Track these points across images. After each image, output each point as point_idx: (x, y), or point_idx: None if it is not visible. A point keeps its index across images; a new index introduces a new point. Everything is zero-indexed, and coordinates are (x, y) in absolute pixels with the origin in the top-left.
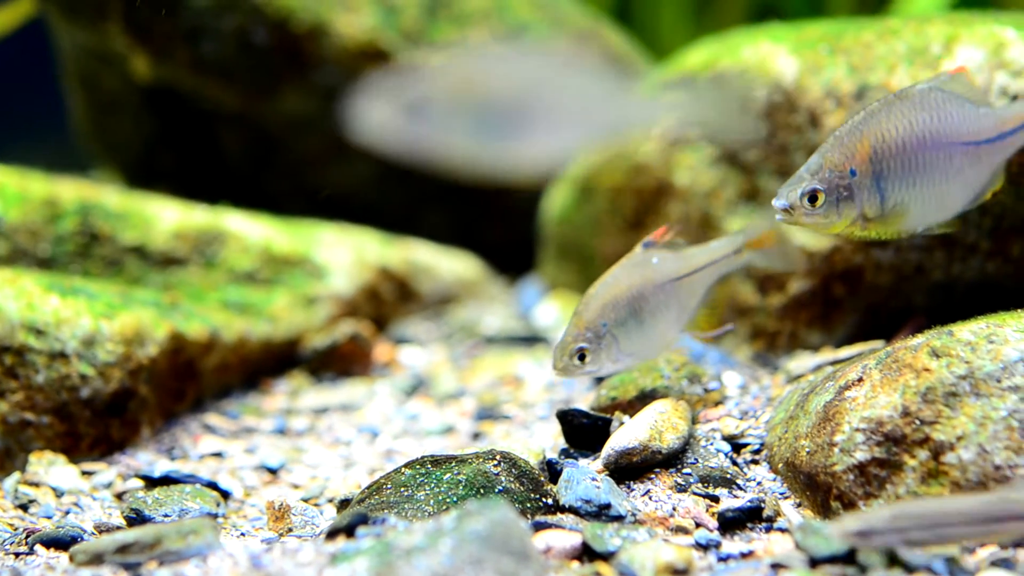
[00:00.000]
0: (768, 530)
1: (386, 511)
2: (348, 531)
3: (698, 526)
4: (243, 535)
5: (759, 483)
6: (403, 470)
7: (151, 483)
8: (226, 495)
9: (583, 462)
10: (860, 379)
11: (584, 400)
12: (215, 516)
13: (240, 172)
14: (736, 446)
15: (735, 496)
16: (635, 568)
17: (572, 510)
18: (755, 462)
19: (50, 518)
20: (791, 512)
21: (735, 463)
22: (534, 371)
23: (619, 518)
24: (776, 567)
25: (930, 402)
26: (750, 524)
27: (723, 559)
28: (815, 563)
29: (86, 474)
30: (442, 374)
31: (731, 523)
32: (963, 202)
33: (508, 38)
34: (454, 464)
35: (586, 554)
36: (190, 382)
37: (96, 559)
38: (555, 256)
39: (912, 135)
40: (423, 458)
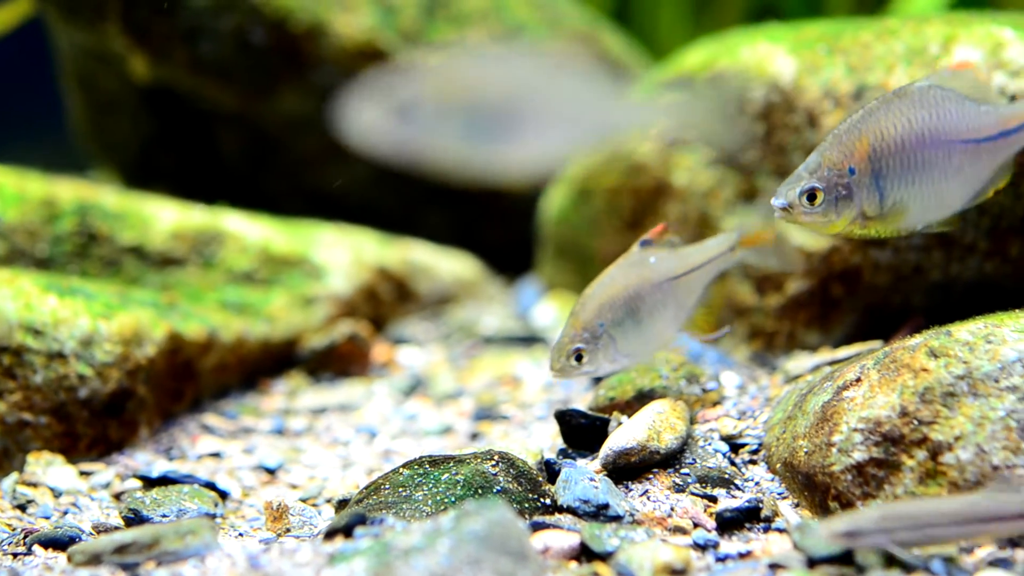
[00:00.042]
0: (766, 530)
1: (384, 511)
2: (346, 531)
3: (696, 526)
4: (241, 535)
5: (757, 483)
6: (401, 470)
7: (149, 483)
8: (224, 495)
9: (581, 462)
10: (858, 379)
11: (582, 400)
12: (213, 516)
13: (238, 172)
14: (734, 446)
15: (733, 496)
16: (633, 568)
17: (570, 510)
18: (753, 462)
19: (48, 518)
20: (789, 512)
21: (733, 463)
22: (532, 371)
23: (617, 518)
24: (774, 567)
25: (928, 402)
26: (748, 524)
27: (721, 559)
28: (813, 563)
29: (84, 474)
30: (440, 374)
31: (729, 523)
32: (963, 200)
33: (504, 39)
34: (452, 464)
35: (584, 554)
36: (188, 382)
37: (94, 559)
38: (553, 256)
39: (911, 133)
40: (421, 458)
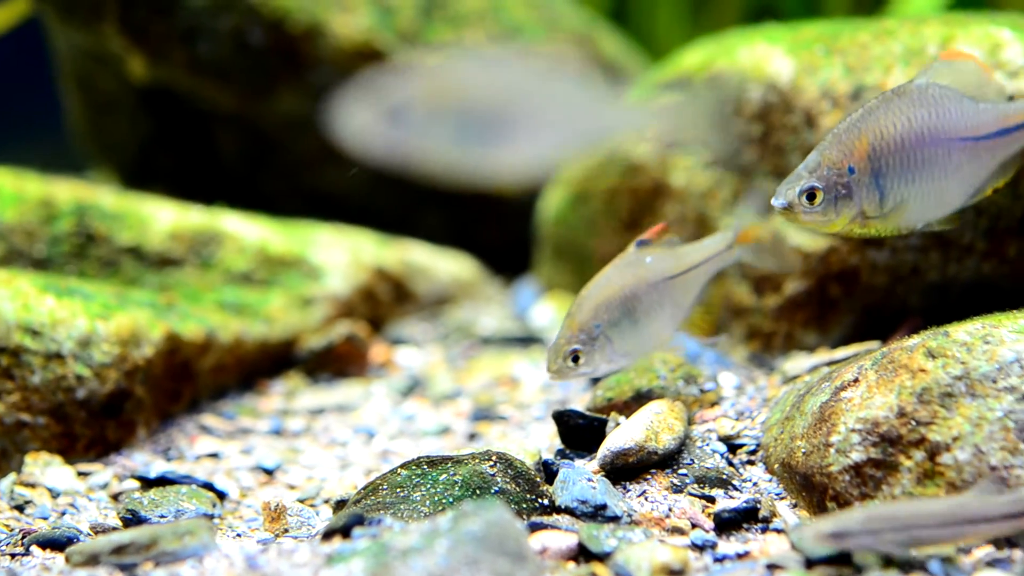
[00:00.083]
0: (764, 531)
1: (382, 512)
2: (344, 532)
3: (694, 527)
4: (239, 536)
5: (755, 484)
6: (399, 471)
7: (147, 484)
8: (222, 496)
9: (579, 463)
10: (856, 380)
11: (580, 401)
12: (211, 517)
13: (236, 173)
14: (732, 447)
15: (731, 497)
16: (631, 569)
17: (568, 511)
18: (751, 463)
19: (46, 519)
20: (787, 513)
21: (731, 464)
22: (530, 372)
23: (615, 519)
24: (772, 568)
25: (926, 403)
26: (746, 525)
27: (719, 560)
28: (811, 564)
29: (82, 475)
30: (438, 375)
31: (727, 524)
32: (963, 198)
33: (501, 40)
34: (450, 465)
35: (582, 555)
36: (186, 383)
37: (92, 560)
38: (551, 257)
39: (911, 132)
40: (419, 459)
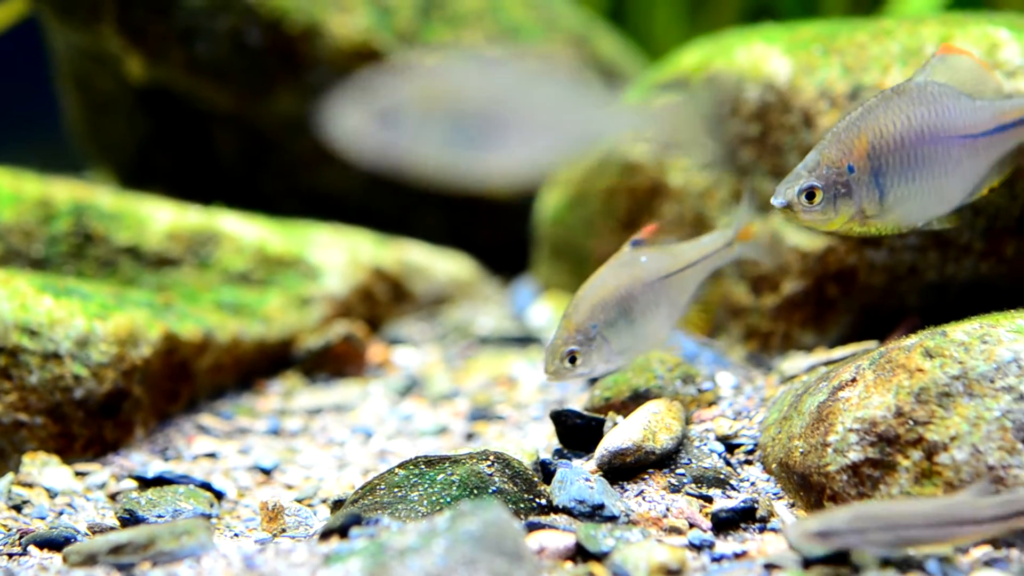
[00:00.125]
0: (762, 530)
1: (380, 512)
2: (342, 532)
3: (692, 526)
4: (237, 536)
5: (753, 483)
6: (397, 471)
7: (145, 484)
8: (220, 496)
9: (577, 463)
10: (854, 379)
11: (578, 400)
12: (209, 517)
13: (234, 173)
14: (730, 446)
15: (729, 496)
16: (628, 568)
17: (566, 511)
18: (749, 462)
19: (44, 519)
20: (785, 512)
21: (729, 463)
22: (528, 372)
23: (613, 518)
24: (769, 567)
25: (924, 402)
26: (744, 524)
27: (716, 559)
28: (808, 564)
29: (80, 475)
30: (436, 375)
31: (725, 523)
32: (962, 195)
33: (499, 40)
34: (448, 464)
35: (580, 555)
36: (184, 383)
37: (89, 560)
38: (549, 257)
39: (910, 130)
40: (417, 458)
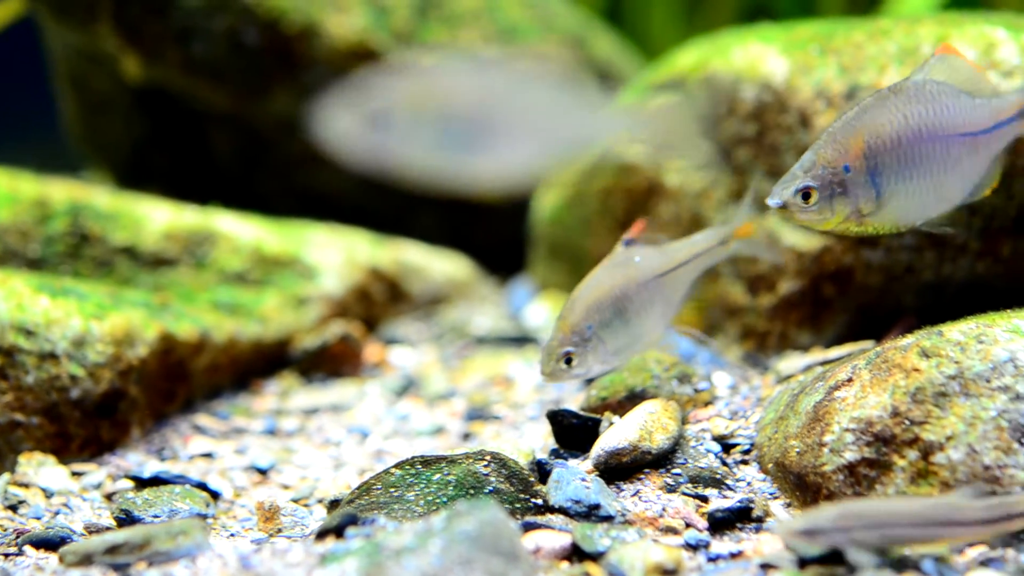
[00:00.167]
0: (757, 530)
1: (376, 512)
2: (338, 532)
3: (688, 526)
4: (233, 536)
5: (749, 483)
6: (393, 471)
7: (141, 484)
8: (216, 496)
9: (573, 462)
10: (850, 379)
11: (574, 400)
12: (205, 517)
13: (231, 173)
14: (726, 446)
15: (725, 496)
16: (624, 568)
17: (562, 510)
18: (745, 462)
19: (40, 519)
20: (781, 512)
21: (725, 463)
22: (524, 371)
23: (609, 518)
24: (765, 567)
25: (920, 402)
26: (740, 524)
27: (712, 559)
28: (804, 563)
29: (76, 475)
30: (432, 375)
31: (721, 523)
32: (962, 194)
33: (496, 40)
34: (444, 464)
35: (575, 554)
36: (180, 383)
37: (85, 560)
38: (546, 256)
39: (907, 129)
40: (413, 458)
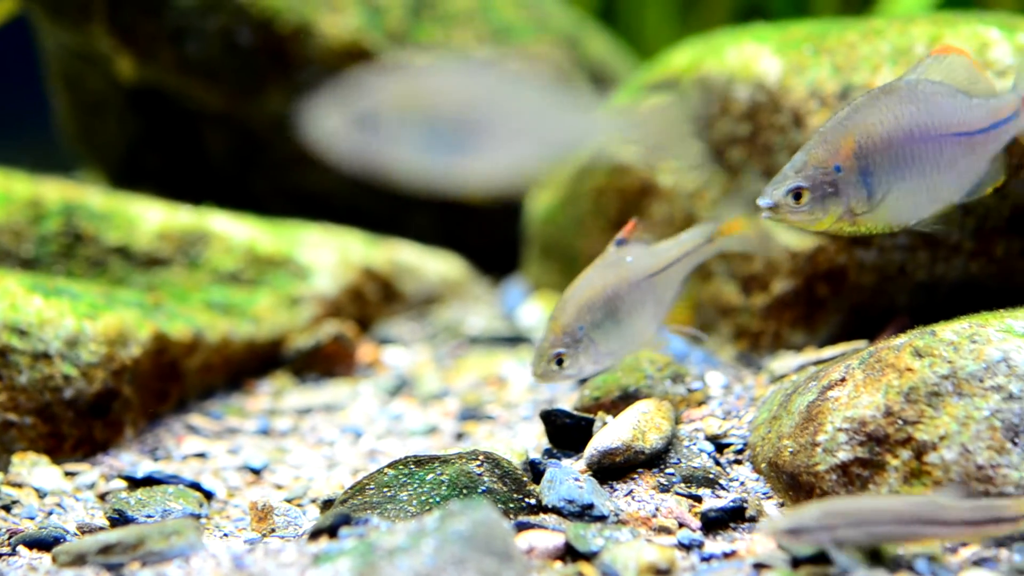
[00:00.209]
0: (751, 530)
1: (369, 511)
2: (331, 531)
3: (681, 526)
4: (226, 536)
5: (742, 483)
6: (386, 470)
7: (134, 484)
8: (209, 496)
9: (566, 462)
10: (843, 379)
11: (567, 400)
12: (198, 517)
13: (224, 172)
14: (719, 446)
15: (718, 496)
16: (618, 568)
17: (555, 510)
18: (738, 462)
19: (33, 519)
20: (774, 512)
21: (718, 463)
22: (518, 371)
23: (602, 518)
24: (758, 567)
25: (913, 402)
26: (733, 524)
27: (706, 559)
28: (797, 563)
29: (69, 475)
30: (426, 374)
31: (714, 523)
32: (958, 193)
33: (490, 40)
34: (437, 464)
35: (569, 554)
36: (173, 383)
37: (79, 560)
38: (539, 256)
39: (898, 128)
40: (406, 458)
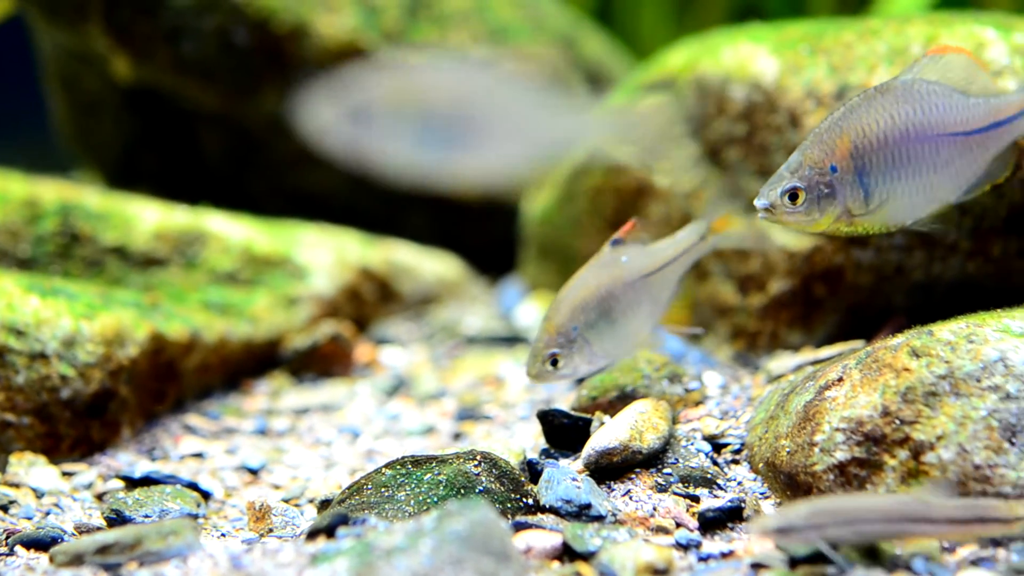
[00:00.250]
0: (748, 530)
1: (366, 511)
2: (328, 531)
3: (678, 526)
4: (224, 536)
5: (739, 483)
6: (384, 470)
7: (132, 484)
8: (207, 496)
9: (564, 462)
10: (840, 379)
11: (565, 400)
12: (195, 517)
13: (221, 172)
14: (717, 446)
15: (715, 496)
16: (615, 568)
17: (552, 510)
18: (735, 462)
19: (30, 519)
20: (771, 512)
21: (715, 463)
22: (515, 371)
23: (599, 518)
24: (756, 567)
25: (910, 402)
26: (730, 524)
27: (703, 559)
28: (794, 563)
29: (66, 475)
30: (423, 374)
31: (711, 523)
32: (955, 193)
33: (486, 40)
34: (435, 464)
35: (566, 554)
36: (171, 383)
37: (76, 560)
38: (536, 256)
39: (894, 128)
40: (404, 458)
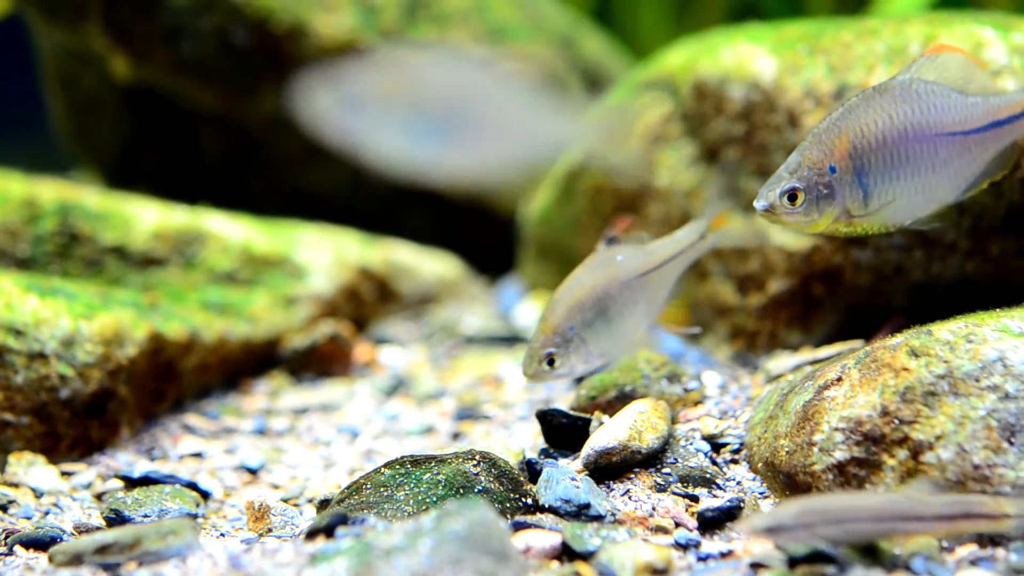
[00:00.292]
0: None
1: (366, 511)
2: (328, 531)
3: (678, 526)
4: (223, 535)
5: (739, 483)
6: (383, 470)
7: (131, 484)
8: (206, 495)
9: (563, 462)
10: (839, 379)
11: (564, 400)
12: (195, 516)
13: (220, 172)
14: (716, 446)
15: (715, 496)
16: (615, 568)
17: (552, 510)
18: (735, 462)
19: (29, 519)
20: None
21: (715, 463)
22: (514, 371)
23: (599, 518)
24: (755, 567)
25: (909, 401)
26: (730, 524)
27: (702, 559)
28: (794, 563)
29: (66, 475)
30: (422, 374)
31: (711, 523)
32: (954, 193)
33: (485, 40)
34: (434, 464)
35: (566, 554)
36: (170, 383)
37: (75, 560)
38: (535, 256)
39: (892, 128)
40: (403, 458)
